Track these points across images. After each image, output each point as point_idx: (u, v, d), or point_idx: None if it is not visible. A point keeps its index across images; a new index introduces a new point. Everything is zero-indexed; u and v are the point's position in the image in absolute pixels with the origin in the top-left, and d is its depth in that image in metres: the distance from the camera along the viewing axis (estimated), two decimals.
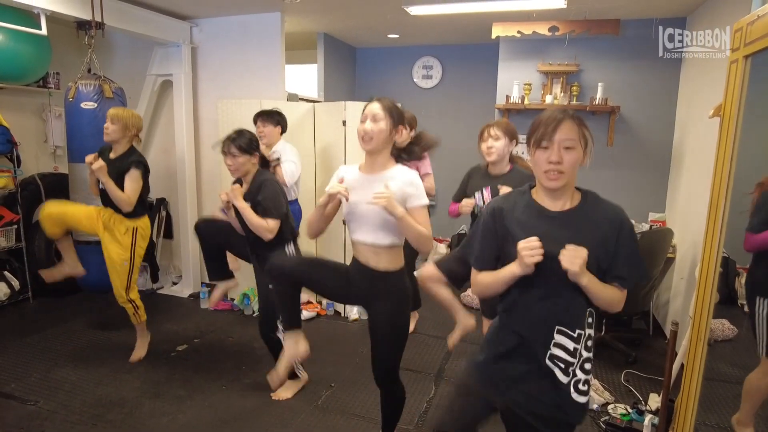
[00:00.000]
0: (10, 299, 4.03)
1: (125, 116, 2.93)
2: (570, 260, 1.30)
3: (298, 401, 2.82)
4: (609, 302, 1.40)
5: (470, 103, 5.51)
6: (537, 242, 1.32)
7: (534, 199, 1.47)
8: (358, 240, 1.97)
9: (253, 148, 2.56)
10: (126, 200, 2.87)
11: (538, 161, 1.39)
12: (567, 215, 1.41)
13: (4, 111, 4.08)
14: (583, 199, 1.44)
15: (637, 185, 4.34)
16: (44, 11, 3.25)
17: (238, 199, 2.47)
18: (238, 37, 4.37)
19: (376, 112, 1.89)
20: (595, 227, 1.39)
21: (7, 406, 2.68)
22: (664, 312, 3.89)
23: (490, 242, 1.49)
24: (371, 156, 1.94)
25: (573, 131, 1.36)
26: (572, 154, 1.36)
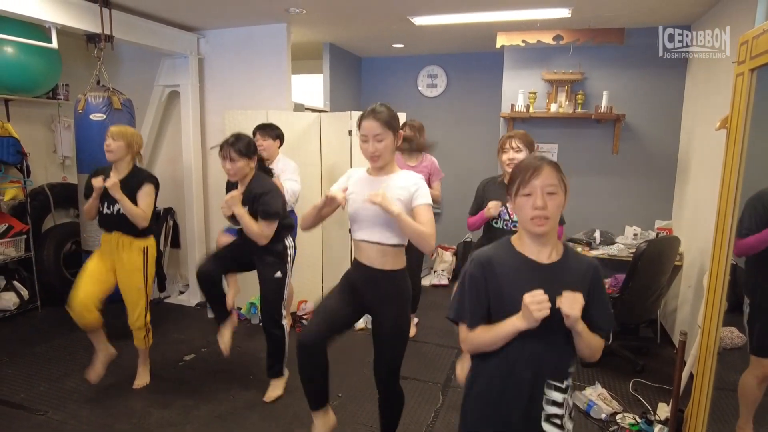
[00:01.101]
0: (19, 309, 4.06)
1: (128, 134, 2.85)
2: (570, 305, 1.30)
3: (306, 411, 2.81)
4: (594, 350, 1.42)
5: (475, 112, 5.53)
6: (543, 296, 1.30)
7: (518, 250, 1.45)
8: (363, 239, 2.00)
9: (251, 151, 2.60)
10: (142, 215, 2.79)
11: (522, 208, 1.40)
12: (555, 266, 1.42)
13: (15, 122, 4.13)
14: (564, 251, 1.46)
15: (643, 193, 4.34)
16: (55, 25, 3.29)
17: (237, 206, 2.52)
18: (245, 48, 4.41)
19: (378, 132, 1.91)
20: (578, 279, 1.41)
21: (16, 416, 2.70)
22: (671, 320, 3.87)
23: (481, 297, 1.44)
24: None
25: (553, 176, 1.37)
26: (555, 199, 1.37)
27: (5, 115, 4.18)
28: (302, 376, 2.12)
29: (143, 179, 2.86)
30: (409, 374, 3.23)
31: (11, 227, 3.98)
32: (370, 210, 1.92)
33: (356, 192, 2.00)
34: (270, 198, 2.59)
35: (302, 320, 4.04)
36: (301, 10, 3.80)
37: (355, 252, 2.09)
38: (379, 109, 1.94)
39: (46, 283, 4.22)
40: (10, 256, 3.99)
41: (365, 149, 1.94)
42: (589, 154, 4.45)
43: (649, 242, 3.20)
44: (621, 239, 4.13)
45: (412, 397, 2.98)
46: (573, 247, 1.50)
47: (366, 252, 2.01)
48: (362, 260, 2.04)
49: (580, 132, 4.45)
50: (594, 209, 4.45)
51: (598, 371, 3.33)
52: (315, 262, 4.20)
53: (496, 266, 1.43)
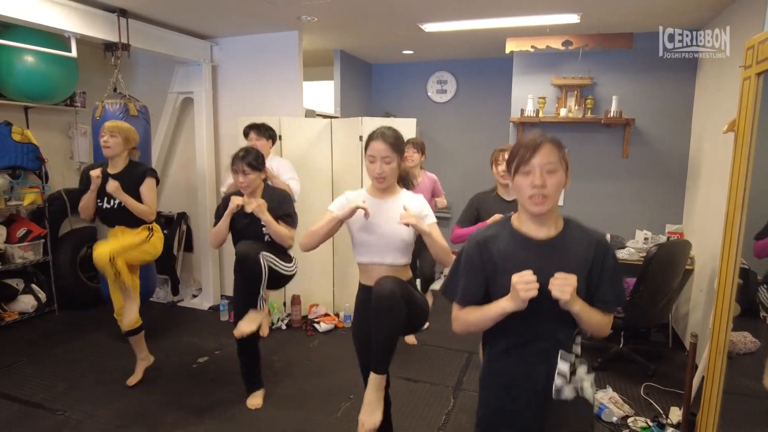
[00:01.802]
0: (37, 311, 4.14)
1: (125, 129, 2.91)
2: (560, 289, 1.28)
3: (318, 413, 2.85)
4: (598, 327, 1.39)
5: (484, 117, 5.56)
6: (532, 276, 1.30)
7: (516, 229, 1.44)
8: (373, 262, 2.01)
9: (261, 164, 2.69)
10: (148, 211, 2.90)
11: (520, 187, 1.37)
12: (552, 243, 1.39)
13: (34, 129, 4.23)
14: (565, 225, 1.43)
15: (654, 197, 4.34)
16: (75, 35, 3.39)
17: (264, 214, 2.59)
18: (257, 56, 4.49)
19: (385, 154, 1.94)
20: (580, 253, 1.38)
21: (37, 416, 2.76)
22: (683, 324, 3.86)
23: (476, 277, 1.44)
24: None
25: (553, 154, 1.35)
26: (555, 177, 1.34)
27: (25, 123, 4.29)
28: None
29: (143, 173, 2.90)
30: (420, 377, 3.26)
31: (30, 231, 4.07)
32: (378, 234, 1.96)
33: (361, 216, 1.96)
34: (289, 203, 2.77)
35: (314, 323, 4.08)
36: (312, 17, 3.87)
37: (361, 276, 2.08)
38: (388, 132, 1.97)
39: (63, 287, 4.30)
40: (29, 260, 4.08)
41: (372, 169, 1.96)
42: (599, 158, 4.46)
43: (659, 246, 3.20)
44: (631, 243, 4.12)
45: (423, 400, 3.00)
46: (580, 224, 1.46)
47: (374, 274, 2.00)
48: (366, 282, 2.04)
49: (590, 136, 4.46)
50: (604, 213, 4.45)
51: (609, 375, 3.33)
52: (326, 267, 4.24)
53: (492, 245, 1.43)
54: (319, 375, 3.31)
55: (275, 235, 2.64)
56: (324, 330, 4.02)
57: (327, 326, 4.04)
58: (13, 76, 3.82)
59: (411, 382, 3.18)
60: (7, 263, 3.94)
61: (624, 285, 1.46)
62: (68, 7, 3.31)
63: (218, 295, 4.67)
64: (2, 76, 3.79)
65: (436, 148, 5.69)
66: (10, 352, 3.55)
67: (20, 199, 4.03)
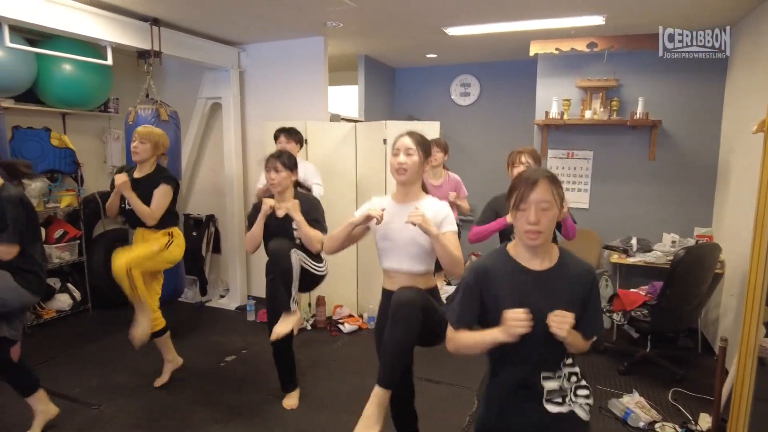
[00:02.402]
0: (72, 309, 4.30)
1: (155, 135, 2.93)
2: (558, 326, 1.38)
3: (343, 413, 2.89)
4: (582, 350, 1.51)
5: (509, 120, 5.55)
6: (524, 314, 1.39)
7: (513, 257, 1.54)
8: (392, 268, 2.04)
9: (293, 165, 2.76)
10: (149, 214, 2.85)
11: (518, 221, 1.49)
12: (547, 274, 1.50)
13: (70, 134, 4.40)
14: (560, 257, 1.53)
15: (681, 199, 4.26)
16: (111, 44, 3.53)
17: (297, 213, 2.63)
18: (284, 61, 4.58)
19: (409, 146, 1.98)
20: (572, 285, 1.50)
21: (73, 409, 2.88)
22: (713, 330, 3.78)
23: (471, 303, 1.54)
24: (404, 187, 2.04)
25: (547, 192, 1.44)
26: (548, 214, 1.44)
27: (62, 128, 4.47)
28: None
29: (162, 179, 2.92)
30: (443, 379, 3.27)
31: (66, 233, 4.23)
32: (399, 240, 1.97)
33: (385, 221, 1.99)
34: (319, 208, 2.80)
35: (338, 324, 4.13)
36: (338, 23, 3.94)
37: (385, 281, 2.11)
38: (415, 132, 2.05)
39: (96, 286, 4.45)
40: (65, 260, 4.24)
41: (394, 162, 1.99)
42: (625, 160, 4.41)
43: (687, 249, 3.15)
44: (658, 246, 4.06)
45: (447, 401, 3.02)
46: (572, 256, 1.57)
47: (396, 281, 2.03)
48: (389, 287, 2.06)
49: (616, 139, 4.41)
50: (630, 216, 4.40)
51: (636, 379, 3.29)
52: (350, 268, 4.29)
53: (492, 275, 1.53)
54: (343, 375, 3.35)
55: (305, 237, 2.66)
56: (348, 331, 4.06)
57: (351, 327, 4.09)
58: (53, 84, 3.99)
59: (434, 384, 3.20)
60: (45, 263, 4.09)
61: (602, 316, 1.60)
62: (105, 18, 3.46)
63: (245, 296, 4.77)
64: (42, 84, 3.96)
65: (460, 151, 5.69)
66: (48, 348, 3.69)
67: (57, 202, 4.20)
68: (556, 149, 4.59)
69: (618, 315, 3.53)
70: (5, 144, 3.04)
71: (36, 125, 4.11)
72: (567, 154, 4.58)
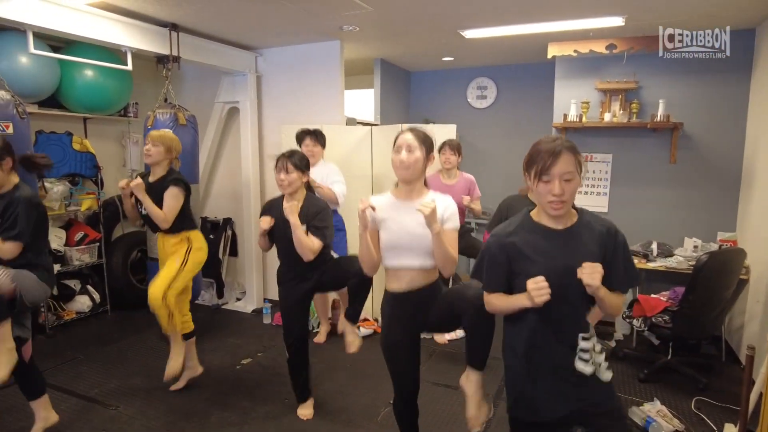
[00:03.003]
0: (91, 311, 4.36)
1: (168, 138, 2.94)
2: (590, 276, 1.42)
3: (358, 417, 2.88)
4: (615, 308, 1.54)
5: (526, 122, 5.49)
6: (544, 282, 1.44)
7: (536, 221, 1.59)
8: (403, 265, 1.98)
9: (305, 166, 2.68)
10: (163, 217, 2.84)
11: (540, 192, 1.51)
12: (569, 232, 1.55)
13: (91, 138, 4.48)
14: (579, 216, 1.58)
15: (704, 203, 4.17)
16: (131, 49, 3.58)
17: (294, 215, 2.49)
18: (300, 65, 4.60)
19: (411, 143, 1.94)
20: (596, 239, 1.53)
21: (92, 410, 2.91)
22: (738, 337, 3.68)
23: (498, 270, 1.61)
24: (407, 184, 1.99)
25: (570, 163, 1.47)
26: (572, 184, 1.48)
27: (83, 132, 4.55)
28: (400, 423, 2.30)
29: (171, 181, 2.90)
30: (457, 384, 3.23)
31: (86, 235, 4.30)
32: (405, 235, 1.94)
33: (389, 218, 1.97)
34: (325, 215, 2.66)
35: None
36: (354, 27, 3.94)
37: (390, 282, 2.05)
38: (417, 128, 2.03)
39: (115, 288, 4.51)
40: (85, 262, 4.30)
41: (395, 159, 1.95)
42: (645, 163, 4.33)
43: (710, 254, 3.07)
44: (680, 251, 3.98)
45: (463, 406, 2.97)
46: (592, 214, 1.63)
47: (406, 278, 1.99)
48: (400, 288, 2.02)
49: (636, 141, 4.34)
50: (650, 220, 4.31)
51: (657, 387, 3.22)
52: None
53: (517, 242, 1.56)
54: (358, 379, 3.34)
55: (296, 242, 2.52)
56: (363, 335, 4.04)
57: (366, 331, 4.07)
58: (75, 89, 4.06)
59: (451, 390, 3.16)
60: (65, 265, 4.17)
61: (635, 265, 1.60)
62: (125, 24, 3.51)
63: (261, 299, 4.79)
64: (65, 89, 4.04)
65: (476, 154, 5.66)
66: (68, 348, 3.75)
67: (78, 205, 4.27)
68: None
69: (638, 321, 3.46)
70: (29, 148, 3.09)
71: (58, 130, 4.19)
72: (586, 157, 4.52)
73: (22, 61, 3.55)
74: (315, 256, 2.59)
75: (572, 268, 1.45)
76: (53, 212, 4.06)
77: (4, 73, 3.18)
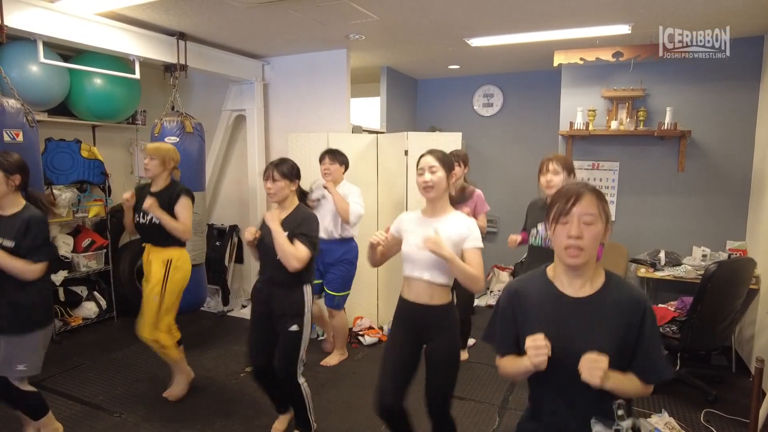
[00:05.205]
0: (98, 317, 4.38)
1: (162, 151, 2.94)
2: (589, 372, 1.22)
3: (363, 426, 2.86)
4: (635, 394, 1.32)
5: (533, 130, 5.48)
6: (542, 341, 1.27)
7: (551, 281, 1.40)
8: (413, 276, 2.12)
9: (293, 175, 2.55)
10: (184, 229, 2.85)
11: (557, 237, 1.34)
12: (586, 302, 1.33)
13: (99, 146, 4.52)
14: (605, 283, 1.35)
15: (713, 212, 4.12)
16: (139, 58, 3.62)
17: (275, 222, 2.40)
18: (307, 74, 4.63)
19: (432, 164, 2.08)
20: (616, 314, 1.31)
21: (97, 416, 2.92)
22: (748, 348, 3.63)
23: (508, 327, 1.45)
24: (432, 203, 2.13)
25: (593, 205, 1.30)
26: (592, 229, 1.29)
27: (92, 140, 4.59)
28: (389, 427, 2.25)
29: (178, 193, 2.90)
30: (465, 395, 3.21)
31: (93, 242, 4.33)
32: (423, 251, 2.01)
33: (410, 231, 2.14)
34: (311, 222, 2.51)
35: (358, 336, 4.10)
36: (360, 36, 3.96)
37: (404, 289, 2.19)
38: (435, 150, 2.15)
39: (121, 295, 4.53)
40: (92, 269, 4.33)
41: (420, 181, 2.10)
42: (653, 172, 4.29)
43: (719, 263, 3.03)
44: (688, 260, 3.93)
45: (469, 417, 2.95)
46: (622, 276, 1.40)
47: (415, 288, 2.12)
48: (409, 297, 2.14)
49: (643, 149, 4.31)
50: (658, 229, 4.28)
51: (666, 398, 3.17)
52: (371, 280, 4.27)
53: (525, 299, 1.42)
54: (363, 388, 3.32)
55: (279, 250, 2.37)
56: (368, 343, 4.03)
57: (371, 339, 4.06)
58: (84, 97, 4.11)
59: (456, 400, 3.12)
60: (73, 271, 4.19)
61: (664, 356, 1.34)
62: (134, 33, 3.56)
63: None
64: (74, 97, 4.08)
65: (483, 162, 5.65)
66: (74, 354, 3.77)
67: (86, 212, 4.30)
68: (581, 160, 4.51)
69: None
70: (38, 156, 3.12)
71: (67, 137, 4.23)
72: (592, 165, 4.49)
73: (32, 69, 3.60)
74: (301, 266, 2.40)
75: (579, 349, 1.25)
76: (61, 219, 4.10)
77: (15, 81, 3.22)
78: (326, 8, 3.26)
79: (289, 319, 2.49)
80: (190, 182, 3.74)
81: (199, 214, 3.91)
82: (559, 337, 1.28)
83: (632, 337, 1.30)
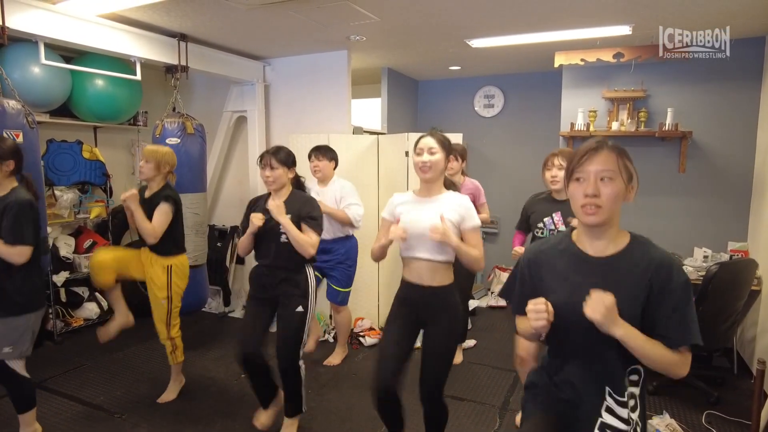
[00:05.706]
0: (99, 318, 4.38)
1: (158, 154, 2.90)
2: (592, 307, 1.17)
3: (364, 427, 2.85)
4: (660, 363, 1.21)
5: (533, 131, 5.48)
6: (543, 305, 1.25)
7: (574, 243, 1.35)
8: (413, 256, 2.10)
9: (290, 162, 2.57)
10: (151, 232, 2.79)
11: (574, 195, 1.29)
12: (608, 262, 1.28)
13: (101, 147, 4.53)
14: (630, 243, 1.30)
15: (714, 213, 4.12)
16: (140, 59, 3.63)
17: (282, 216, 2.42)
18: (308, 75, 4.63)
19: (432, 146, 2.09)
20: (639, 275, 1.24)
21: (98, 417, 2.92)
22: (750, 349, 3.62)
23: (524, 289, 1.43)
24: (428, 184, 2.13)
25: (611, 161, 1.24)
26: (610, 186, 1.23)
27: (93, 141, 4.60)
28: (381, 414, 2.22)
29: (162, 197, 2.87)
30: (466, 396, 3.21)
31: (95, 243, 4.33)
32: (419, 229, 2.03)
33: (405, 212, 2.13)
34: (314, 204, 2.58)
35: (359, 337, 4.10)
36: (361, 37, 3.97)
37: (404, 271, 2.18)
38: (436, 132, 2.17)
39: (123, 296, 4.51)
40: None
41: (418, 161, 2.09)
42: (654, 173, 4.29)
43: (721, 265, 3.03)
44: (689, 261, 3.92)
45: (469, 418, 2.95)
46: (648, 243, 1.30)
47: (416, 269, 2.11)
48: (411, 278, 2.13)
49: (644, 150, 4.31)
50: (659, 230, 4.26)
51: (667, 400, 3.16)
52: (371, 281, 4.27)
53: (545, 260, 1.40)
54: (364, 389, 3.31)
55: (294, 243, 2.43)
56: (369, 344, 4.03)
57: (372, 340, 4.05)
58: (86, 99, 4.12)
59: (457, 401, 3.13)
60: (74, 272, 4.20)
61: (694, 320, 1.24)
62: (135, 34, 3.56)
63: None
64: (76, 98, 4.09)
65: (484, 163, 5.65)
66: (75, 355, 3.78)
67: (87, 213, 4.31)
68: None
69: None
70: (38, 157, 3.13)
71: (69, 138, 4.24)
72: None
73: (34, 71, 3.61)
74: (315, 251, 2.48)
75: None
76: (62, 220, 4.11)
77: (17, 83, 3.23)
78: (327, 10, 3.26)
79: (295, 300, 2.54)
80: (191, 183, 3.77)
81: (200, 215, 3.92)
82: (579, 297, 1.22)
83: (654, 299, 1.22)
